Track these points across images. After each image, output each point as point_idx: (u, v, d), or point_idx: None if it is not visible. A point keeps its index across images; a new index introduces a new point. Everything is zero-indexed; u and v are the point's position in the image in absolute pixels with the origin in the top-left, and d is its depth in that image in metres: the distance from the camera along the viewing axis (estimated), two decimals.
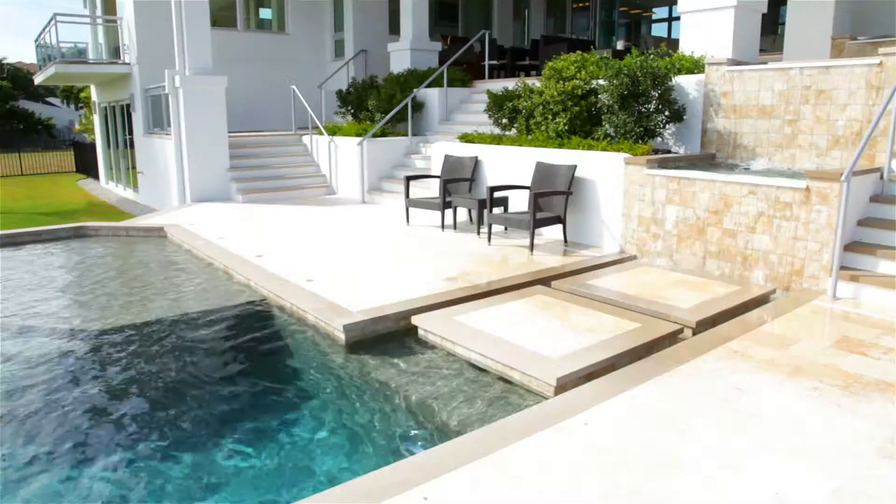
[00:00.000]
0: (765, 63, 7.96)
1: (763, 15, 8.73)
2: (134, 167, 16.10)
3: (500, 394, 4.20)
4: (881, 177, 6.26)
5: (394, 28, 15.92)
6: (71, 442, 3.73)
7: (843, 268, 5.72)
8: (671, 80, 8.05)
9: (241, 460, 3.55)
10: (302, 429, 3.88)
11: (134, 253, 8.48)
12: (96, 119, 20.36)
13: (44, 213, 14.93)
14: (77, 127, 35.37)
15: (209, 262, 7.63)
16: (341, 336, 5.04)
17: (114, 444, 3.71)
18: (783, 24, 11.08)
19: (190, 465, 3.50)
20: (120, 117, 17.26)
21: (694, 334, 5.04)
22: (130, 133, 16.10)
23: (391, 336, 5.22)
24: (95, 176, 22.15)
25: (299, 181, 12.67)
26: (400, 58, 14.48)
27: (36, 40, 18.02)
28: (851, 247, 5.84)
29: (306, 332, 5.38)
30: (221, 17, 16.16)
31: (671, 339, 4.89)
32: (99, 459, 3.55)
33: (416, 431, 3.88)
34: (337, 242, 8.29)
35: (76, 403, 4.17)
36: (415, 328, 5.21)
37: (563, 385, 4.05)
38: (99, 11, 18.25)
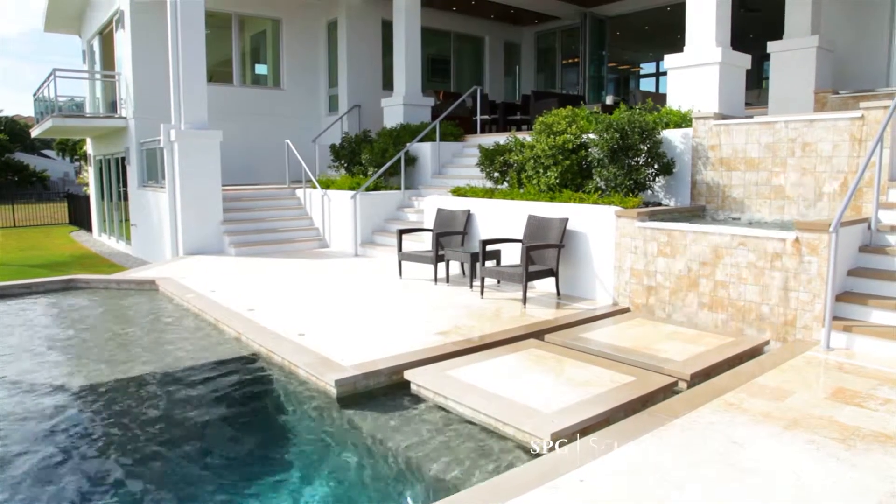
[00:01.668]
0: (751, 116, 8.13)
1: (747, 70, 8.96)
2: (127, 219, 16.13)
3: (493, 450, 4.13)
4: (869, 227, 6.33)
5: (387, 83, 16.26)
6: None
7: (835, 318, 5.73)
8: (659, 134, 8.20)
9: None
10: (291, 488, 3.79)
11: (124, 306, 8.42)
12: (91, 171, 20.51)
13: (35, 265, 14.85)
14: (79, 178, 35.60)
15: (200, 316, 7.58)
16: (333, 391, 4.98)
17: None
18: (767, 78, 11.37)
19: None
20: (115, 170, 17.39)
21: (689, 387, 5.00)
22: (125, 185, 16.20)
23: (384, 391, 5.15)
24: (88, 228, 22.16)
25: (292, 234, 12.70)
26: (393, 112, 14.75)
27: (34, 94, 18.27)
28: (843, 297, 5.86)
29: (298, 387, 5.31)
30: (218, 73, 16.47)
31: (666, 392, 4.85)
32: None
33: (408, 490, 3.79)
34: (329, 296, 8.26)
35: (51, 466, 4.06)
36: (407, 383, 5.15)
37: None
38: (98, 66, 18.57)
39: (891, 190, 6.61)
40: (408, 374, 5.18)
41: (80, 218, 24.85)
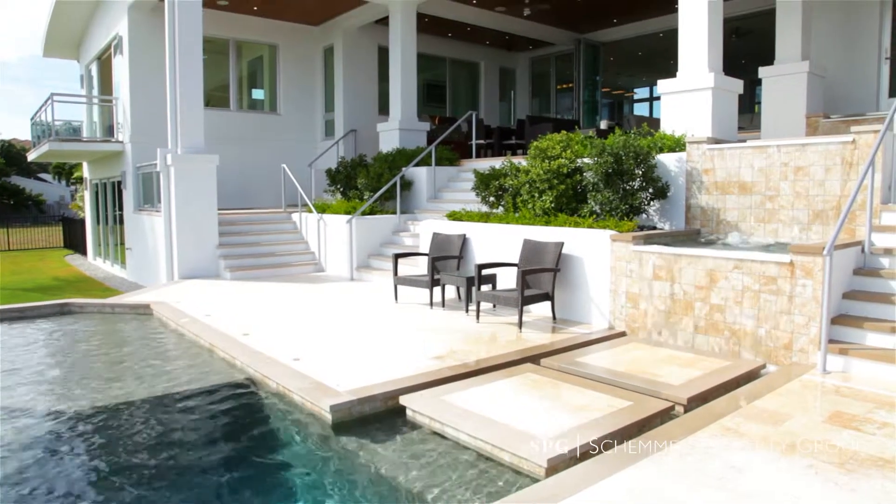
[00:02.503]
0: (744, 141, 8.21)
1: (740, 94, 9.06)
2: (122, 243, 16.11)
3: (490, 476, 4.09)
4: (862, 250, 6.36)
5: (383, 108, 16.39)
6: None
7: (831, 341, 5.73)
8: (653, 159, 8.26)
9: None
10: None
11: (119, 330, 8.37)
12: (87, 195, 20.51)
13: (29, 288, 14.78)
14: (72, 205, 35.62)
15: (195, 341, 7.54)
16: (328, 417, 4.94)
17: None
18: (760, 102, 11.50)
19: None
20: (111, 194, 17.40)
21: (686, 411, 4.97)
22: (120, 209, 16.20)
23: (379, 416, 5.11)
24: (83, 252, 22.09)
25: (288, 258, 12.69)
26: (389, 137, 14.84)
27: (32, 118, 18.34)
28: (838, 320, 5.87)
29: (292, 412, 5.26)
30: (215, 98, 16.58)
31: (663, 416, 4.82)
32: None
33: None
34: (325, 320, 8.23)
35: (36, 495, 4.01)
36: (403, 408, 5.12)
37: (555, 466, 3.95)
38: (96, 91, 18.68)
39: (883, 213, 6.66)
40: (403, 400, 5.14)
41: (75, 242, 24.80)
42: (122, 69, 15.31)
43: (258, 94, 18.05)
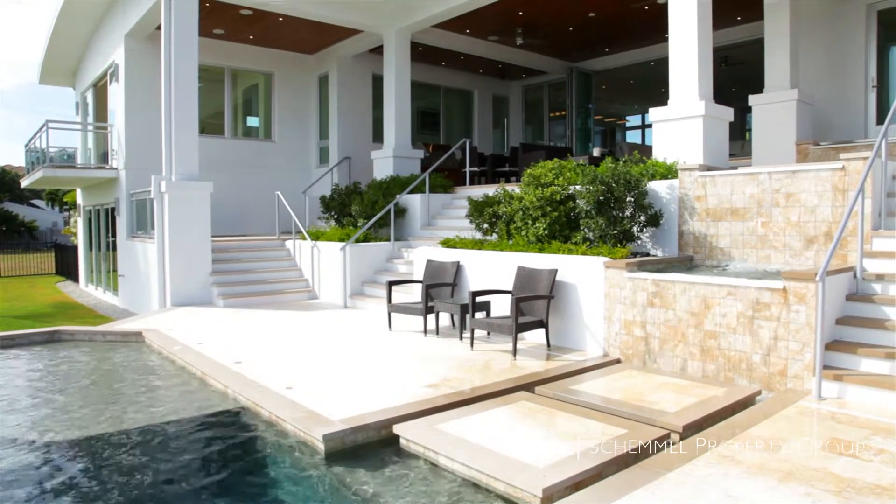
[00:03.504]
0: (735, 168, 8.27)
1: (731, 121, 9.16)
2: (115, 270, 16.04)
3: None
4: (854, 275, 6.38)
5: (377, 136, 16.49)
6: None
7: (826, 367, 5.72)
8: (644, 185, 8.31)
9: None
10: None
11: (109, 358, 8.29)
12: (80, 222, 20.47)
13: (20, 315, 14.66)
14: (65, 230, 35.52)
15: (186, 369, 7.47)
16: (321, 446, 4.88)
17: None
18: (750, 129, 11.63)
19: None
20: (104, 220, 17.39)
21: (681, 439, 4.93)
22: (113, 236, 16.16)
23: (373, 446, 5.05)
24: (75, 278, 21.97)
25: (281, 286, 12.65)
26: (383, 164, 14.91)
27: (26, 145, 18.37)
28: (832, 346, 5.86)
29: (285, 441, 5.20)
30: (210, 125, 16.67)
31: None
32: None
33: None
34: (318, 348, 8.18)
35: None
36: (396, 437, 5.06)
37: (550, 496, 3.91)
38: (91, 118, 18.75)
39: (874, 239, 6.70)
40: (397, 429, 5.09)
41: (67, 268, 24.69)
42: (117, 96, 15.40)
43: (253, 121, 18.16)
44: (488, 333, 8.61)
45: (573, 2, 13.45)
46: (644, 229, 8.38)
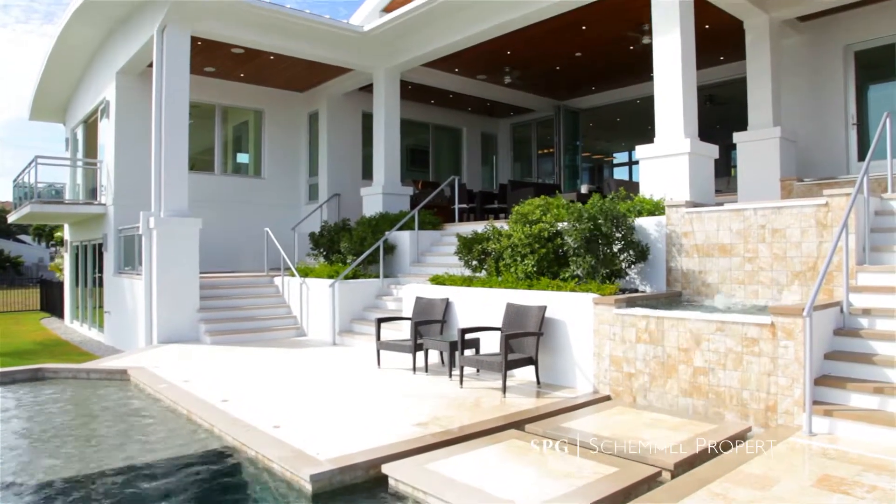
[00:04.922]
0: (721, 204, 8.38)
1: (717, 158, 9.30)
2: (101, 306, 15.87)
3: None
4: (841, 310, 6.42)
5: (367, 173, 16.60)
6: None
7: (815, 402, 5.71)
8: (632, 222, 8.37)
9: None
10: None
11: (93, 397, 8.15)
12: (66, 257, 20.33)
13: (2, 353, 14.43)
14: (51, 265, 35.24)
15: (172, 408, 7.35)
16: (308, 486, 4.79)
17: None
18: (736, 166, 11.81)
19: None
20: (91, 256, 17.27)
21: (672, 477, 4.89)
22: (100, 272, 16.04)
23: (360, 486, 4.97)
24: (60, 315, 21.71)
25: (270, 323, 12.55)
26: (372, 201, 14.96)
27: (14, 180, 18.32)
28: (821, 380, 5.87)
29: (271, 482, 5.10)
30: (200, 161, 16.71)
31: (650, 482, 4.74)
32: None
33: None
34: (306, 386, 8.09)
35: None
36: (385, 477, 4.99)
37: None
38: (80, 154, 18.76)
39: (859, 273, 6.76)
40: (385, 469, 5.01)
41: (52, 304, 24.41)
42: (107, 133, 15.44)
43: (243, 157, 18.23)
44: (478, 371, 8.55)
45: (560, 42, 13.71)
46: (632, 266, 8.42)
